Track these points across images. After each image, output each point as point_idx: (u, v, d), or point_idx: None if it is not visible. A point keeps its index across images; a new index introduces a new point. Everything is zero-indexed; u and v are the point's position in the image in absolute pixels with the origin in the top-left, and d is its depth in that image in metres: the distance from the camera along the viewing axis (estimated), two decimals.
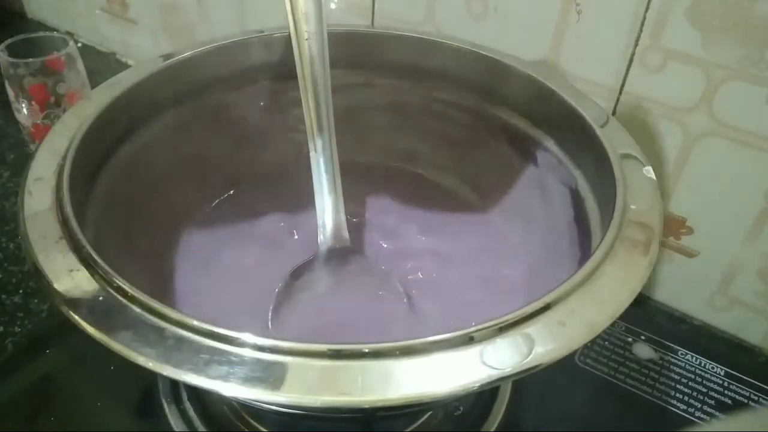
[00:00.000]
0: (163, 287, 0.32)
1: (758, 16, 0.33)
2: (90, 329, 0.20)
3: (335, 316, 0.31)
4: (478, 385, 0.19)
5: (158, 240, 0.34)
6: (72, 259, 0.22)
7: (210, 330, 0.19)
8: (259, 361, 0.19)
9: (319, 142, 0.32)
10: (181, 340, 0.19)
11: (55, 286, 0.21)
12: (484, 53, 0.35)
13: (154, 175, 0.33)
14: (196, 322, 0.20)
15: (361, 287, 0.33)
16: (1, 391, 0.34)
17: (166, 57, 0.33)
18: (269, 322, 0.30)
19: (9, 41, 0.45)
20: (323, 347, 0.19)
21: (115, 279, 0.21)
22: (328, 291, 0.32)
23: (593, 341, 0.39)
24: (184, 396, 0.33)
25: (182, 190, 0.36)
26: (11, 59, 0.44)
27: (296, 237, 0.36)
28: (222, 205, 0.38)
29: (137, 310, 0.20)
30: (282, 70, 0.36)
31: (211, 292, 0.32)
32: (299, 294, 0.32)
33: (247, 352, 0.19)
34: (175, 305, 0.28)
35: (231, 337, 0.19)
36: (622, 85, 0.39)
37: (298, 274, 0.32)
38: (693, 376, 0.38)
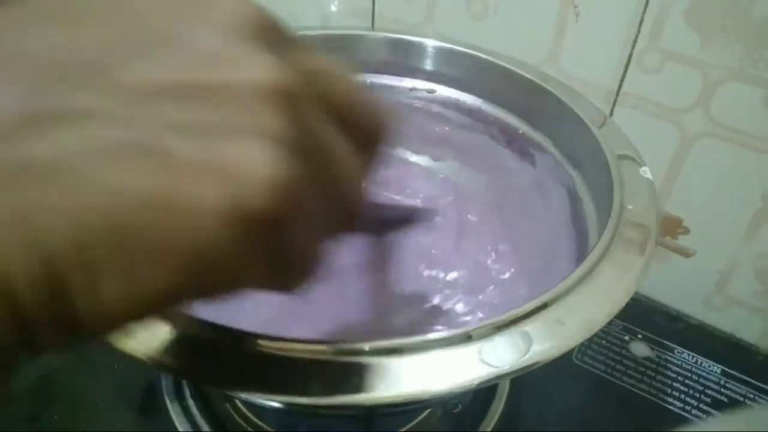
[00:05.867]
0: None
1: (756, 18, 0.33)
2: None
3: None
4: (476, 383, 0.19)
5: None
6: None
7: (212, 327, 0.20)
8: (260, 358, 0.19)
9: None
10: (182, 337, 0.20)
11: None
12: (482, 55, 0.35)
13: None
14: (197, 319, 0.20)
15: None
16: None
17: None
18: None
19: None
20: (323, 345, 0.19)
21: None
22: None
23: (590, 339, 0.39)
24: (187, 394, 0.34)
25: None
26: None
27: None
28: None
29: None
30: None
31: None
32: None
33: (248, 350, 0.19)
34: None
35: (232, 333, 0.19)
36: (620, 86, 0.39)
37: None
38: (690, 375, 0.38)
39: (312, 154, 0.14)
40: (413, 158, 0.41)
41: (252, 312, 0.28)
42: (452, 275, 0.35)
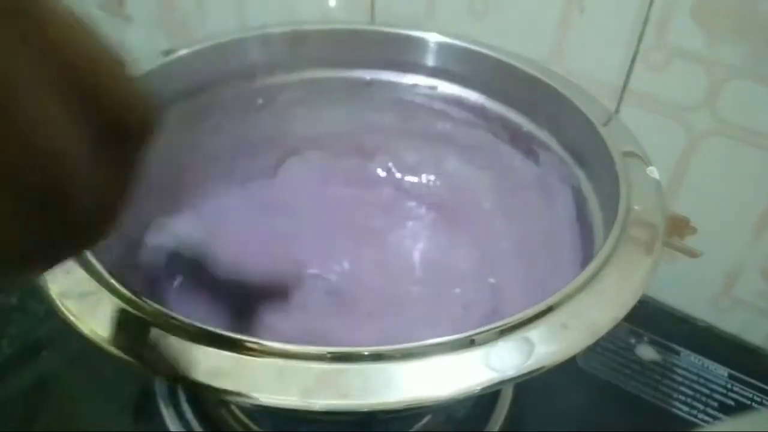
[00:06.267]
0: (160, 288, 0.32)
1: (763, 15, 0.33)
2: (86, 331, 0.20)
3: None
4: (479, 388, 0.19)
5: None
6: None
7: (209, 332, 0.19)
8: (258, 363, 0.19)
9: None
10: (178, 342, 0.19)
11: (51, 286, 0.21)
12: (485, 51, 0.35)
13: (153, 173, 0.33)
14: (194, 325, 0.19)
15: None
16: None
17: (165, 53, 0.33)
18: None
19: None
20: (323, 350, 0.19)
21: (111, 280, 0.21)
22: None
23: (595, 343, 0.39)
24: (182, 398, 0.33)
25: (179, 189, 0.35)
26: None
27: (294, 237, 0.36)
28: (219, 204, 0.38)
29: (133, 312, 0.20)
30: (281, 68, 0.36)
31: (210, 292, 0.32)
32: None
33: (246, 355, 0.19)
34: (172, 306, 0.28)
35: (230, 339, 0.19)
36: (625, 84, 0.38)
37: None
38: (696, 378, 0.37)
39: None
40: (414, 157, 0.40)
41: None
42: (452, 273, 0.35)
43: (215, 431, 0.32)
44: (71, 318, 0.20)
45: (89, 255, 0.22)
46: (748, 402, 0.36)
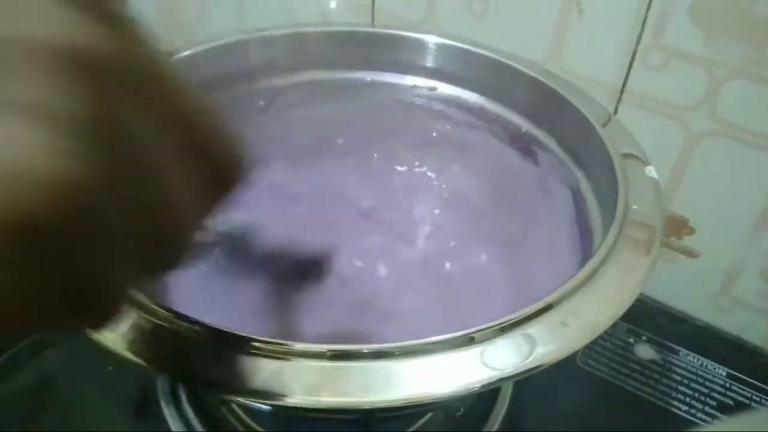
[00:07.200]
0: (161, 286, 0.32)
1: (760, 15, 0.33)
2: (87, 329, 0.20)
3: None
4: (478, 386, 0.19)
5: None
6: None
7: (210, 330, 0.19)
8: (258, 362, 0.19)
9: None
10: (179, 340, 0.19)
11: None
12: (484, 52, 0.35)
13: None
14: (195, 322, 0.19)
15: None
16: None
17: (167, 55, 0.33)
18: None
19: None
20: (323, 348, 0.19)
21: None
22: None
23: (594, 342, 0.39)
24: (183, 396, 0.33)
25: None
26: None
27: (290, 237, 0.36)
28: None
29: (134, 309, 0.20)
30: (281, 70, 0.36)
31: (210, 292, 0.32)
32: None
33: (247, 353, 0.19)
34: (173, 304, 0.28)
35: (231, 336, 0.19)
36: (624, 84, 0.38)
37: None
38: (695, 377, 0.37)
39: (123, 155, 0.11)
40: (414, 157, 0.40)
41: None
42: (451, 272, 0.35)
43: (216, 430, 0.32)
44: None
45: None
46: (747, 401, 0.36)
